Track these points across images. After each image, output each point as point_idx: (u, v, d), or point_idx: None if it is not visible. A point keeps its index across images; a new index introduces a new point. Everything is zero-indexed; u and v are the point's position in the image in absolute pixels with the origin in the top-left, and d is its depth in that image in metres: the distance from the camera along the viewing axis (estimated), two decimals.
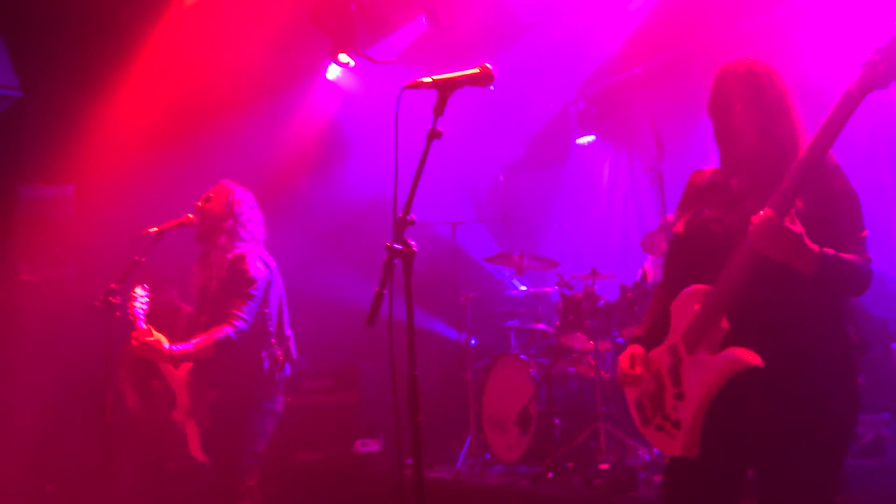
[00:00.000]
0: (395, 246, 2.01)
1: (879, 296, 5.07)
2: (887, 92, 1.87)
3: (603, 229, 7.57)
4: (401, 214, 2.04)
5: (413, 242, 2.03)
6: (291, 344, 3.75)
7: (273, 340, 3.65)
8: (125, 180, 6.04)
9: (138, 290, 3.59)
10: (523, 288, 6.40)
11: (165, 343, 3.44)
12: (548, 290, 6.11)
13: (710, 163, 2.42)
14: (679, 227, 2.35)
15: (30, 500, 5.72)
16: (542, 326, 5.90)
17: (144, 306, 3.57)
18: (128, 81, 6.24)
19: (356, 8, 6.29)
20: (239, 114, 6.61)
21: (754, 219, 1.95)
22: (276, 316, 3.70)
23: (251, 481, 3.55)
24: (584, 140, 7.80)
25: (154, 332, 3.46)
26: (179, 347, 3.43)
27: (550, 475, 4.75)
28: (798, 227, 1.92)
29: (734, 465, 2.19)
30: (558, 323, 5.42)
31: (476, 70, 2.16)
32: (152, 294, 4.20)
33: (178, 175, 5.99)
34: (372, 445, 6.07)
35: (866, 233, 2.12)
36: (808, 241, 1.94)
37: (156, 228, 3.80)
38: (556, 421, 5.15)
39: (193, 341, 3.46)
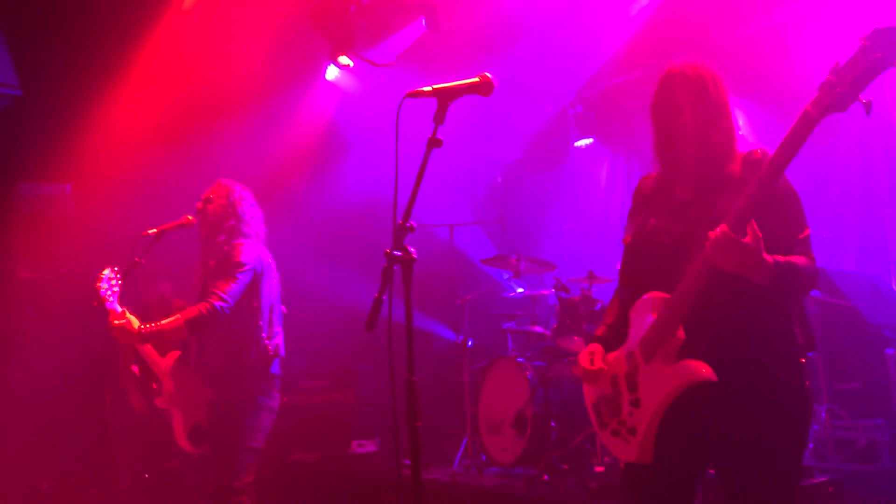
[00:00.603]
0: (395, 253, 2.02)
1: (874, 302, 5.09)
2: (883, 99, 1.88)
3: (600, 232, 7.59)
4: (401, 221, 2.06)
5: (412, 249, 2.05)
6: (280, 340, 3.75)
7: (263, 335, 3.65)
8: (124, 179, 6.05)
9: (106, 272, 3.60)
10: (520, 290, 6.42)
11: (135, 323, 3.46)
12: (545, 292, 6.13)
13: None
14: (628, 237, 2.37)
15: (26, 498, 5.73)
16: (539, 329, 5.91)
17: (116, 287, 3.57)
18: (127, 81, 6.25)
19: (356, 10, 6.30)
20: (238, 114, 6.62)
21: (711, 234, 1.96)
22: (266, 311, 3.70)
23: (249, 478, 3.57)
24: (583, 143, 7.82)
25: (126, 314, 3.47)
26: (149, 326, 3.44)
27: (546, 477, 4.77)
28: (757, 242, 1.94)
29: (688, 472, 2.22)
30: (555, 326, 5.44)
31: (476, 79, 2.17)
32: (146, 288, 4.21)
33: (177, 174, 6.00)
34: (368, 446, 6.08)
35: (808, 231, 2.15)
36: (765, 255, 1.95)
37: (154, 230, 3.82)
38: (552, 424, 5.17)
39: (165, 321, 3.47)
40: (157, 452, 4.66)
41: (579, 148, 7.88)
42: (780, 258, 2.00)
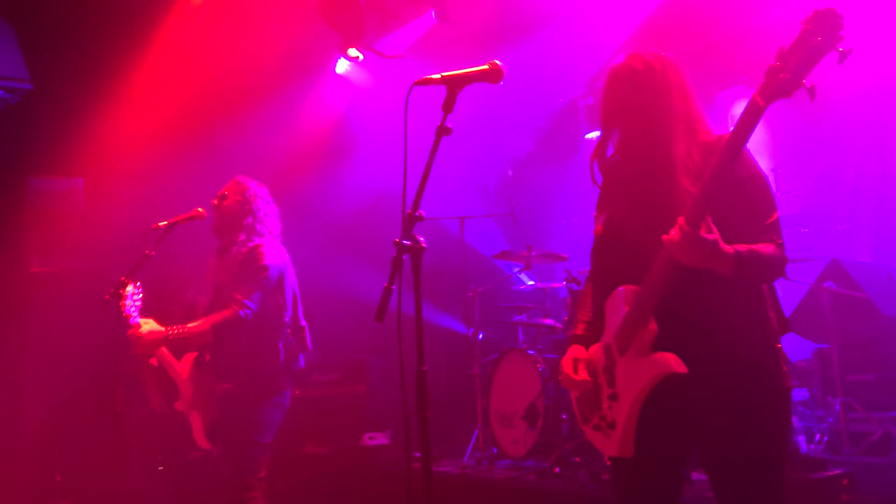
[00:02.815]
0: (404, 242, 2.01)
1: (889, 294, 5.04)
2: None
3: None
4: (410, 210, 2.04)
5: (422, 238, 2.04)
6: (307, 334, 3.79)
7: (288, 331, 3.68)
8: (135, 173, 6.07)
9: (129, 288, 3.62)
10: (531, 283, 6.40)
11: (159, 328, 3.48)
12: (556, 285, 6.10)
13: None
14: (598, 228, 2.36)
15: (40, 491, 5.77)
16: (549, 321, 5.89)
17: (138, 303, 3.59)
18: (138, 75, 6.26)
19: (365, 2, 6.29)
20: (248, 108, 6.63)
21: (671, 231, 1.94)
22: (290, 306, 3.72)
23: (261, 473, 3.58)
24: (594, 135, 7.77)
25: (147, 322, 3.49)
26: (175, 330, 3.46)
27: (558, 470, 4.76)
28: (714, 235, 1.92)
29: (671, 466, 2.21)
30: (566, 318, 5.42)
31: (486, 66, 2.16)
32: (177, 297, 4.23)
33: (188, 168, 6.02)
34: (380, 439, 6.09)
35: (776, 215, 2.12)
36: (723, 246, 1.93)
37: (165, 222, 3.82)
38: (564, 416, 5.16)
39: (191, 324, 3.48)
40: (175, 446, 4.68)
41: (590, 140, 7.83)
42: (742, 247, 1.98)
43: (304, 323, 3.80)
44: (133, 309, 3.57)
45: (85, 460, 5.75)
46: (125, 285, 3.65)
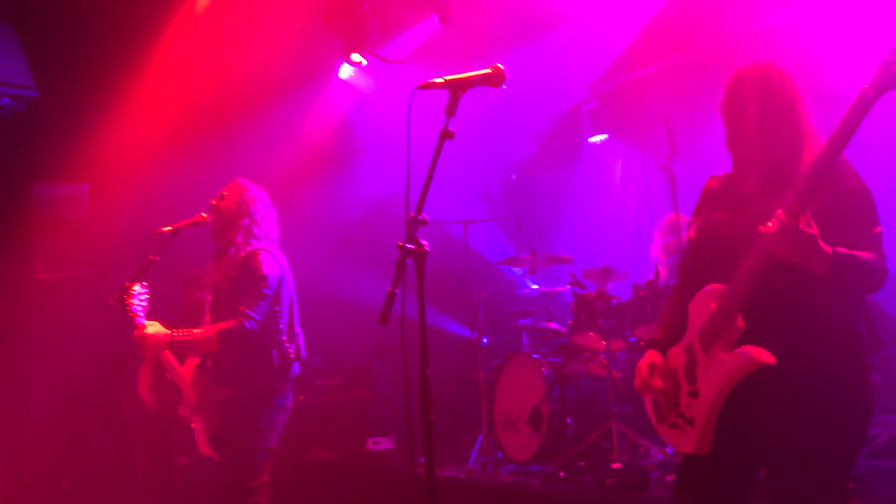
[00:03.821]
0: (408, 246, 2.01)
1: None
2: None
3: (615, 228, 7.55)
4: (413, 214, 2.05)
5: (425, 242, 2.04)
6: (301, 342, 3.77)
7: (284, 338, 3.66)
8: (140, 179, 6.08)
9: (136, 288, 3.62)
10: (535, 287, 6.39)
11: (163, 331, 3.48)
12: (560, 289, 6.10)
13: (723, 162, 2.44)
14: (692, 233, 2.38)
15: (46, 497, 5.77)
16: (554, 325, 5.89)
17: (144, 303, 3.60)
18: (142, 81, 6.28)
19: (368, 7, 6.30)
20: (252, 113, 6.64)
21: (769, 222, 1.95)
22: (286, 314, 3.71)
23: (263, 477, 3.57)
24: (597, 139, 7.77)
25: (153, 324, 3.50)
26: (180, 333, 3.46)
27: (562, 474, 4.75)
28: (812, 230, 1.92)
29: (746, 465, 2.20)
30: (571, 322, 5.41)
31: (488, 70, 2.16)
32: (188, 297, 4.22)
33: (193, 174, 6.03)
34: (384, 443, 6.08)
35: (880, 228, 2.12)
36: (821, 243, 1.93)
37: (169, 227, 3.83)
38: (569, 420, 5.14)
39: (197, 330, 3.49)
40: (167, 449, 4.68)
41: (594, 144, 7.84)
42: (842, 250, 1.98)
43: (299, 330, 3.78)
44: (139, 309, 3.58)
45: (91, 466, 5.76)
46: (130, 287, 3.66)
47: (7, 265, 6.01)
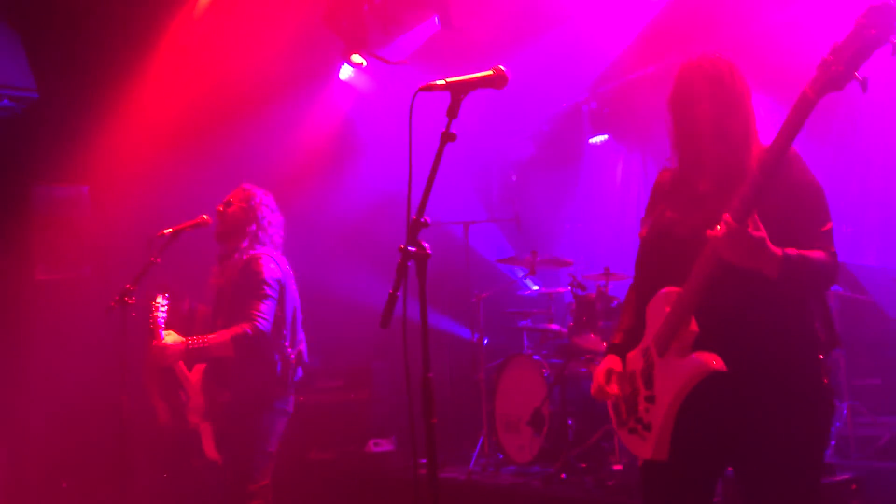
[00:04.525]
0: (409, 248, 2.01)
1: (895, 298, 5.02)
2: None
3: (616, 229, 7.54)
4: (415, 217, 2.04)
5: (427, 245, 2.03)
6: (303, 347, 3.76)
7: (286, 343, 3.66)
8: (140, 180, 6.08)
9: (160, 300, 3.62)
10: (536, 288, 6.39)
11: (180, 340, 3.47)
12: (561, 290, 6.10)
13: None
14: (644, 231, 2.34)
15: (46, 497, 5.77)
16: (555, 327, 5.89)
17: (164, 315, 3.60)
18: (143, 83, 6.28)
19: (369, 9, 6.30)
20: (252, 114, 6.64)
21: (718, 226, 1.91)
22: (289, 319, 3.71)
23: (264, 480, 3.57)
24: (597, 139, 7.77)
25: (169, 333, 3.49)
26: (196, 342, 3.45)
27: (563, 476, 4.74)
28: (760, 233, 1.89)
29: (707, 468, 2.18)
30: (571, 323, 5.41)
31: (490, 72, 2.15)
32: (174, 301, 4.23)
33: (193, 175, 6.03)
34: (385, 445, 6.08)
35: (830, 225, 2.10)
36: (770, 246, 1.90)
37: (170, 230, 3.82)
38: (569, 422, 5.14)
39: (210, 336, 3.48)
40: (180, 452, 4.67)
41: (594, 145, 7.84)
42: (792, 251, 1.95)
43: (301, 336, 3.78)
44: (162, 321, 3.57)
45: (90, 468, 5.75)
46: (131, 293, 3.65)
47: (7, 266, 6.01)
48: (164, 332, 3.52)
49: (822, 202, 2.11)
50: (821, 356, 2.07)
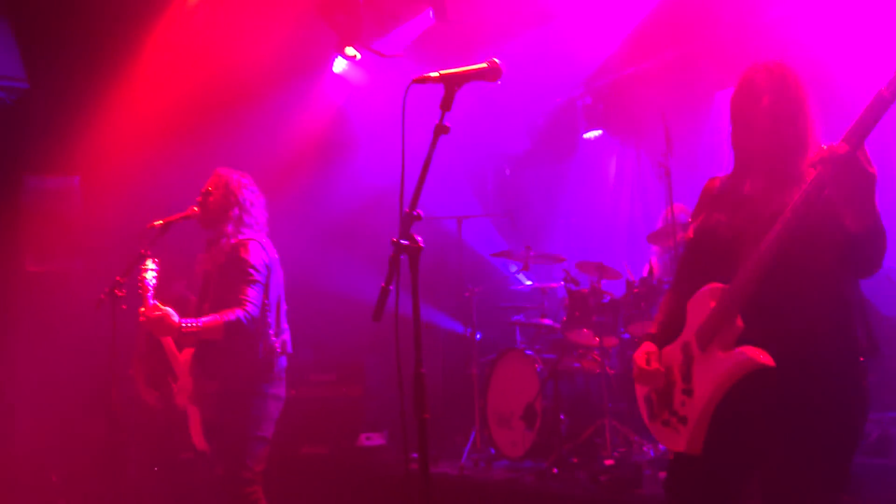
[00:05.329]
0: (402, 242, 1.99)
1: (889, 294, 5.03)
2: None
3: (610, 225, 7.55)
4: (407, 210, 2.03)
5: (419, 238, 2.02)
6: (287, 337, 3.74)
7: (271, 332, 3.63)
8: (131, 172, 6.05)
9: (149, 263, 3.59)
10: (529, 283, 6.39)
11: (175, 317, 3.43)
12: (554, 285, 6.09)
13: (716, 158, 2.43)
14: (690, 233, 2.37)
15: (36, 491, 5.74)
16: (548, 322, 5.88)
17: (154, 280, 3.57)
18: (135, 74, 6.24)
19: (363, 1, 6.27)
20: (245, 106, 6.61)
21: (831, 148, 1.89)
22: (274, 307, 3.69)
23: (259, 467, 3.55)
24: (592, 135, 7.76)
25: (161, 306, 3.46)
26: (189, 323, 3.43)
27: (556, 471, 4.74)
28: (872, 169, 1.90)
29: (738, 466, 2.18)
30: (564, 318, 5.40)
31: (484, 65, 2.14)
32: (163, 289, 4.20)
33: (185, 167, 5.98)
34: (377, 439, 6.07)
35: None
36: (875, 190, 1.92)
37: (160, 221, 3.80)
38: (562, 417, 5.14)
39: (203, 319, 3.46)
40: (170, 445, 4.65)
41: (588, 140, 7.83)
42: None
43: (285, 325, 3.76)
44: (150, 285, 3.53)
45: (81, 460, 5.73)
46: (121, 285, 3.62)
47: None
48: (152, 299, 3.48)
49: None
50: (861, 359, 2.09)
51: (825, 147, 1.91)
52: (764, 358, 1.99)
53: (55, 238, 6.19)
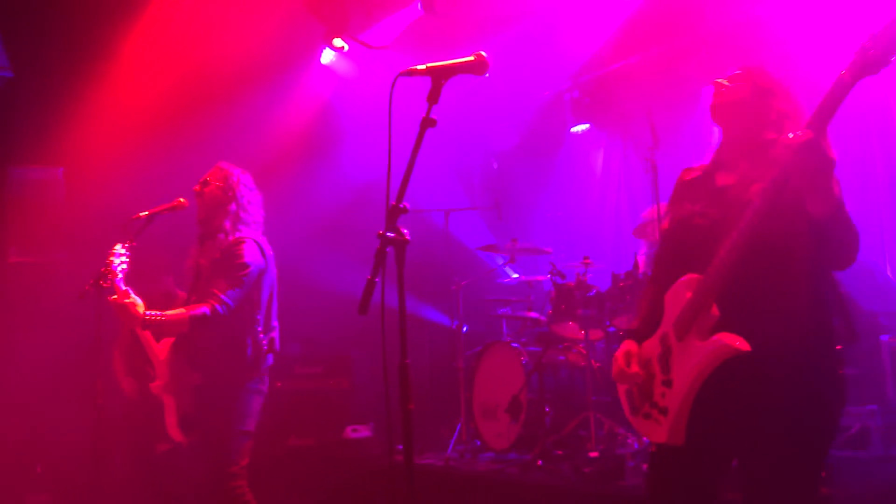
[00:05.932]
0: (388, 234, 2.00)
1: (869, 288, 5.09)
2: (880, 85, 1.88)
3: (596, 218, 7.58)
4: (394, 202, 2.03)
5: (406, 231, 2.03)
6: (276, 335, 3.74)
7: (259, 329, 3.63)
8: (116, 163, 6.00)
9: (118, 247, 3.58)
10: (515, 276, 6.40)
11: (140, 307, 3.42)
12: (540, 278, 6.11)
13: (704, 152, 2.45)
14: (666, 224, 2.41)
15: (20, 482, 5.71)
16: (534, 315, 5.91)
17: (124, 265, 3.55)
18: (120, 64, 6.19)
19: None
20: (231, 98, 6.56)
21: (792, 136, 1.93)
22: (265, 305, 3.68)
23: (243, 461, 3.56)
24: (579, 129, 7.78)
25: (132, 295, 3.45)
26: (153, 314, 3.42)
27: (540, 463, 4.77)
28: (832, 155, 1.94)
29: (718, 455, 2.21)
30: (550, 311, 5.43)
31: (471, 58, 2.14)
32: (150, 283, 4.17)
33: (170, 159, 5.95)
34: (363, 431, 6.08)
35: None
36: (834, 176, 1.96)
37: (146, 212, 3.78)
38: (547, 409, 5.17)
39: (169, 312, 3.45)
40: (149, 436, 4.64)
41: (575, 134, 7.85)
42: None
43: (275, 323, 3.75)
44: (119, 270, 3.52)
45: (65, 452, 5.70)
46: (106, 277, 3.60)
47: None
48: (130, 292, 3.47)
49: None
50: (837, 347, 2.12)
51: (791, 135, 1.94)
52: (740, 344, 2.00)
53: (39, 229, 6.13)
